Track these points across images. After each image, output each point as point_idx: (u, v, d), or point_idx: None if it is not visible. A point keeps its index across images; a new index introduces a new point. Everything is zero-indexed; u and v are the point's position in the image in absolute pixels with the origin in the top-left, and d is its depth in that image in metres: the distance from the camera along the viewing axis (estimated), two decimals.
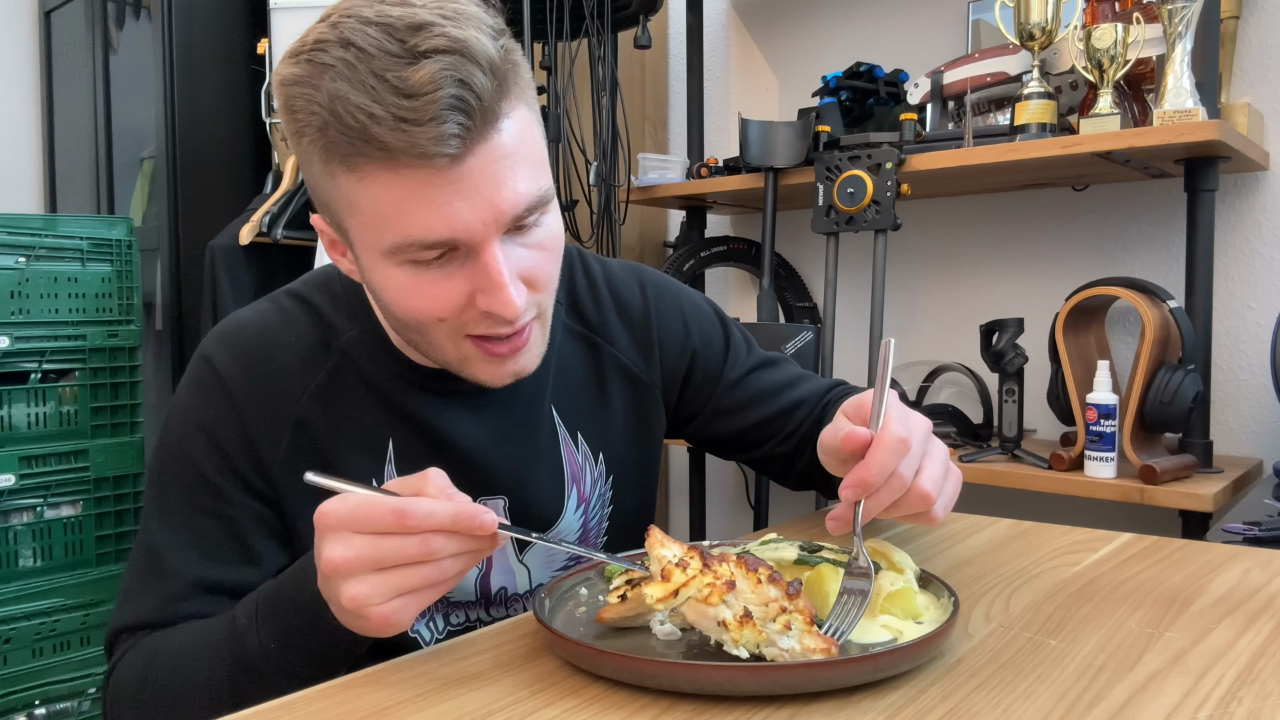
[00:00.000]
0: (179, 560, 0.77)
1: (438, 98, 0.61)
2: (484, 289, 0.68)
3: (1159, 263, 1.77)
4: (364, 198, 0.66)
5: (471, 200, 0.65)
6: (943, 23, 2.01)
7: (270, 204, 2.19)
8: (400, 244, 0.66)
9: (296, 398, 0.80)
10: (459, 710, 0.58)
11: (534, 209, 0.69)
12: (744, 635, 0.59)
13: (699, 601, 0.60)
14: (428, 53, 0.62)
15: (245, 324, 0.83)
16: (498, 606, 0.88)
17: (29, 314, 1.89)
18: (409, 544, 0.60)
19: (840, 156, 1.74)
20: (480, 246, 0.67)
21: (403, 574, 0.61)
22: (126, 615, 0.78)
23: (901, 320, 2.10)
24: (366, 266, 0.71)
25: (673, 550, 0.63)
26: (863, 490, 0.67)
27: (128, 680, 0.74)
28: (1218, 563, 0.85)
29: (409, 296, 0.69)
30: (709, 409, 0.99)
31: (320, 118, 0.64)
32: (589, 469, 0.91)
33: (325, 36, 0.65)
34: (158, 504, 0.80)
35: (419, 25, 0.63)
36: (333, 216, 0.71)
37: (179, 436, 0.80)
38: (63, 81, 3.11)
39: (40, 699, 1.90)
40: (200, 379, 0.81)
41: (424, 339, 0.74)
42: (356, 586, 0.61)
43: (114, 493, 2.00)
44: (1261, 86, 1.66)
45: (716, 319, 1.00)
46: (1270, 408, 1.66)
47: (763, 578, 0.62)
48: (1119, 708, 0.56)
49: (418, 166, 0.63)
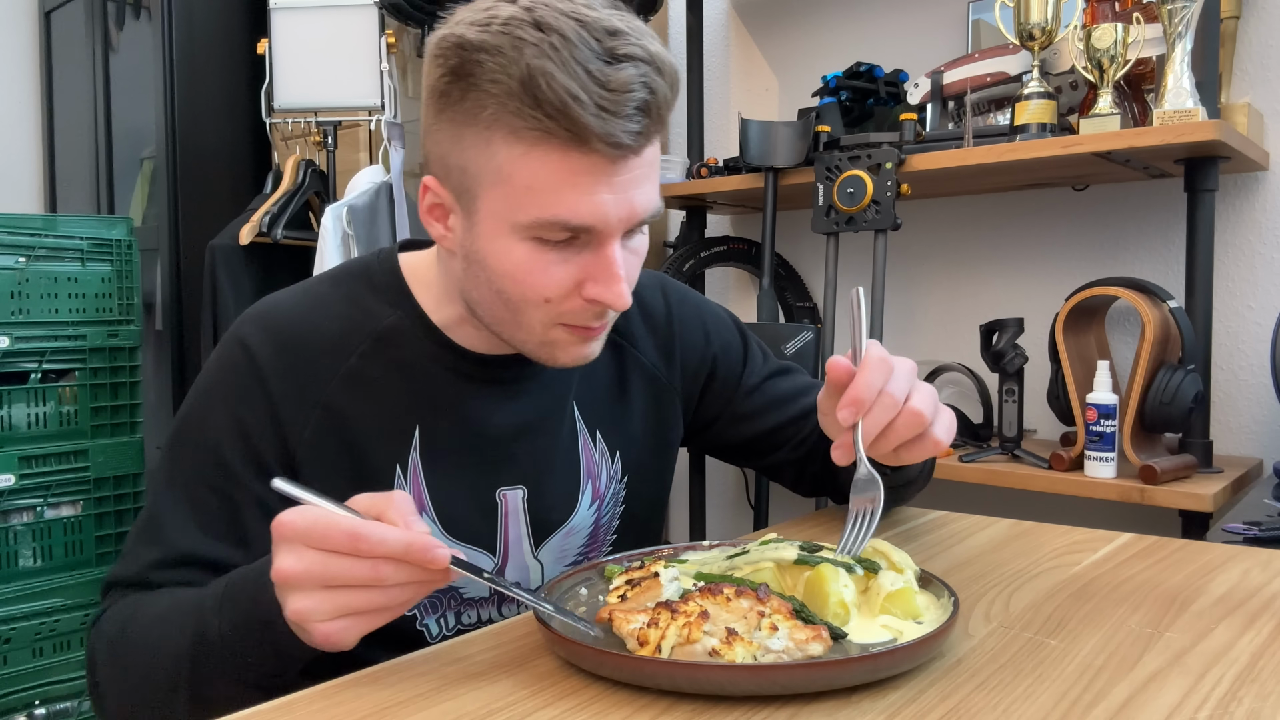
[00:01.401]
0: (175, 530, 0.79)
1: (634, 98, 0.68)
2: (598, 279, 0.73)
3: (1159, 263, 1.77)
4: (522, 170, 0.70)
5: (617, 195, 0.71)
6: (943, 23, 2.01)
7: (270, 204, 2.19)
8: (541, 221, 0.70)
9: (326, 381, 0.82)
10: (459, 710, 0.58)
11: (649, 219, 0.75)
12: (737, 653, 0.59)
13: (683, 644, 0.60)
14: (625, 57, 0.68)
15: (280, 306, 0.85)
16: (510, 604, 0.89)
17: (29, 314, 1.89)
18: (359, 567, 0.60)
19: (840, 156, 1.74)
20: (605, 239, 0.72)
21: (349, 595, 0.61)
22: (119, 570, 0.81)
23: (901, 320, 2.10)
24: (486, 235, 0.73)
25: (637, 620, 0.63)
26: (856, 408, 0.71)
27: (106, 633, 0.77)
28: (1218, 563, 0.85)
29: (525, 272, 0.73)
30: (727, 414, 1.01)
31: (507, 86, 0.67)
32: (605, 466, 0.93)
33: (518, 16, 0.68)
34: (169, 473, 0.81)
35: (614, 30, 0.68)
36: (459, 180, 0.73)
37: (202, 411, 0.82)
38: (63, 81, 3.11)
39: (40, 699, 1.90)
40: (231, 357, 0.82)
41: (514, 316, 0.76)
42: (303, 600, 0.61)
43: (114, 493, 2.00)
44: (1261, 86, 1.66)
45: (735, 328, 1.03)
46: (1270, 408, 1.66)
47: (730, 595, 0.64)
48: (1119, 708, 0.56)
49: (594, 153, 0.68)
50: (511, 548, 0.88)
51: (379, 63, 2.13)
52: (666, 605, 0.64)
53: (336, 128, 2.25)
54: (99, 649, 0.77)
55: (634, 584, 0.70)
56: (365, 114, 2.18)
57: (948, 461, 1.64)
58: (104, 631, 0.78)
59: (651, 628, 0.62)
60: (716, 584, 0.66)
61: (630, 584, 0.71)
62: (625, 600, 0.68)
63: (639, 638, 0.62)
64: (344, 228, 2.00)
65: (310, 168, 2.25)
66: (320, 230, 2.03)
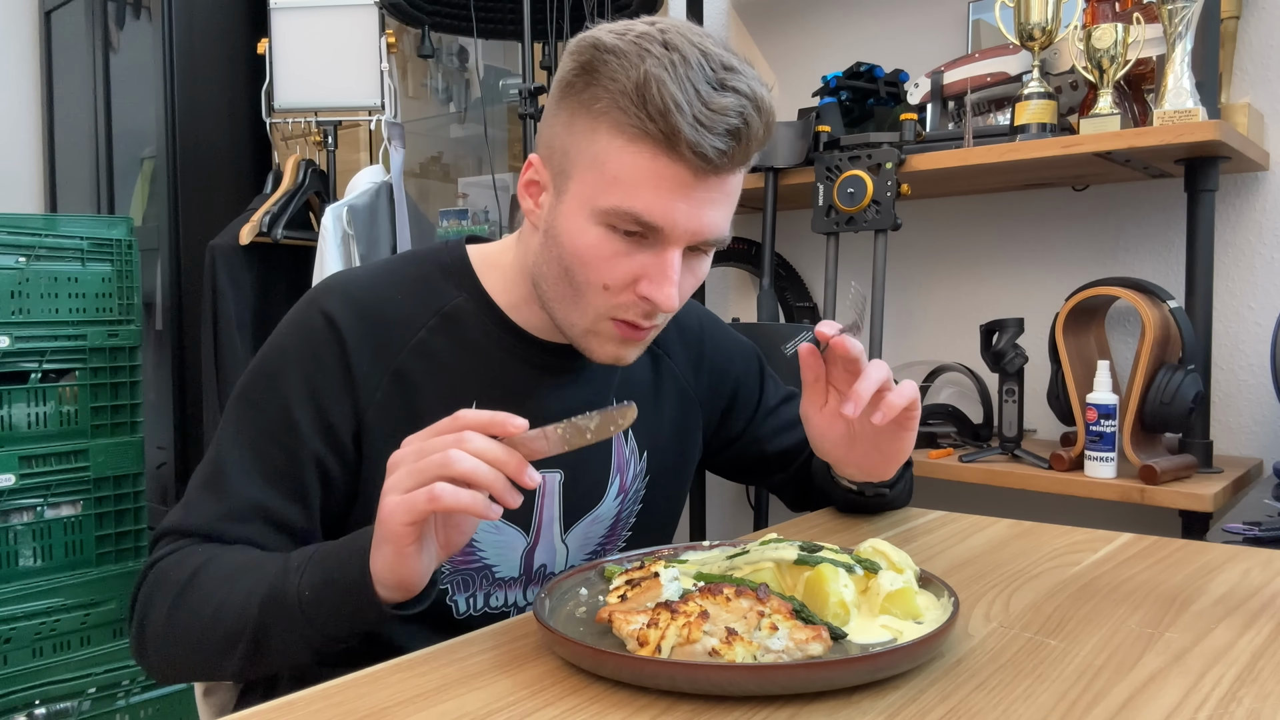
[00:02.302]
0: (242, 482, 0.82)
1: (729, 122, 0.75)
2: (652, 278, 0.79)
3: (1159, 263, 1.77)
4: (615, 160, 0.76)
5: (691, 208, 0.77)
6: (943, 23, 2.01)
7: (270, 204, 2.19)
8: (618, 209, 0.77)
9: (399, 349, 0.87)
10: (459, 710, 0.58)
11: (715, 244, 0.81)
12: (736, 653, 0.59)
13: (683, 645, 0.61)
14: (732, 89, 0.75)
15: (358, 279, 0.90)
16: (534, 585, 0.93)
17: (29, 314, 1.89)
18: (447, 435, 0.67)
19: (840, 156, 1.74)
20: (669, 244, 0.78)
21: (428, 461, 0.67)
22: (180, 519, 0.83)
23: (901, 320, 2.10)
24: (568, 214, 0.80)
25: (637, 620, 0.63)
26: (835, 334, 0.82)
27: (172, 576, 0.79)
28: (1218, 563, 0.85)
29: (593, 255, 0.79)
30: (747, 436, 1.10)
31: (623, 85, 0.75)
32: (633, 463, 0.98)
33: (650, 34, 0.76)
34: (236, 426, 0.85)
35: (729, 66, 0.76)
36: (559, 162, 0.80)
37: (275, 369, 0.85)
38: (63, 81, 3.11)
39: (40, 699, 1.90)
40: (309, 321, 0.86)
41: (574, 295, 0.82)
42: (395, 475, 0.68)
43: (114, 493, 2.00)
44: (1261, 86, 1.66)
45: (755, 357, 1.12)
46: (1270, 408, 1.66)
47: (730, 595, 0.64)
48: (1119, 708, 0.56)
49: (681, 160, 0.75)
50: (544, 529, 0.93)
51: (379, 63, 2.13)
52: (666, 605, 0.64)
53: (336, 128, 2.26)
54: (157, 591, 0.79)
55: (634, 584, 0.70)
56: (365, 114, 2.18)
57: (948, 462, 1.64)
58: (168, 574, 0.79)
59: (651, 628, 0.62)
60: (716, 584, 0.66)
61: (630, 584, 0.71)
62: (625, 600, 0.69)
63: (639, 638, 0.62)
64: (344, 228, 2.00)
65: (310, 168, 2.25)
66: (320, 230, 2.03)
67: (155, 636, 0.79)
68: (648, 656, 0.60)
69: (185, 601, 0.77)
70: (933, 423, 1.82)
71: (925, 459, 1.66)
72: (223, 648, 0.75)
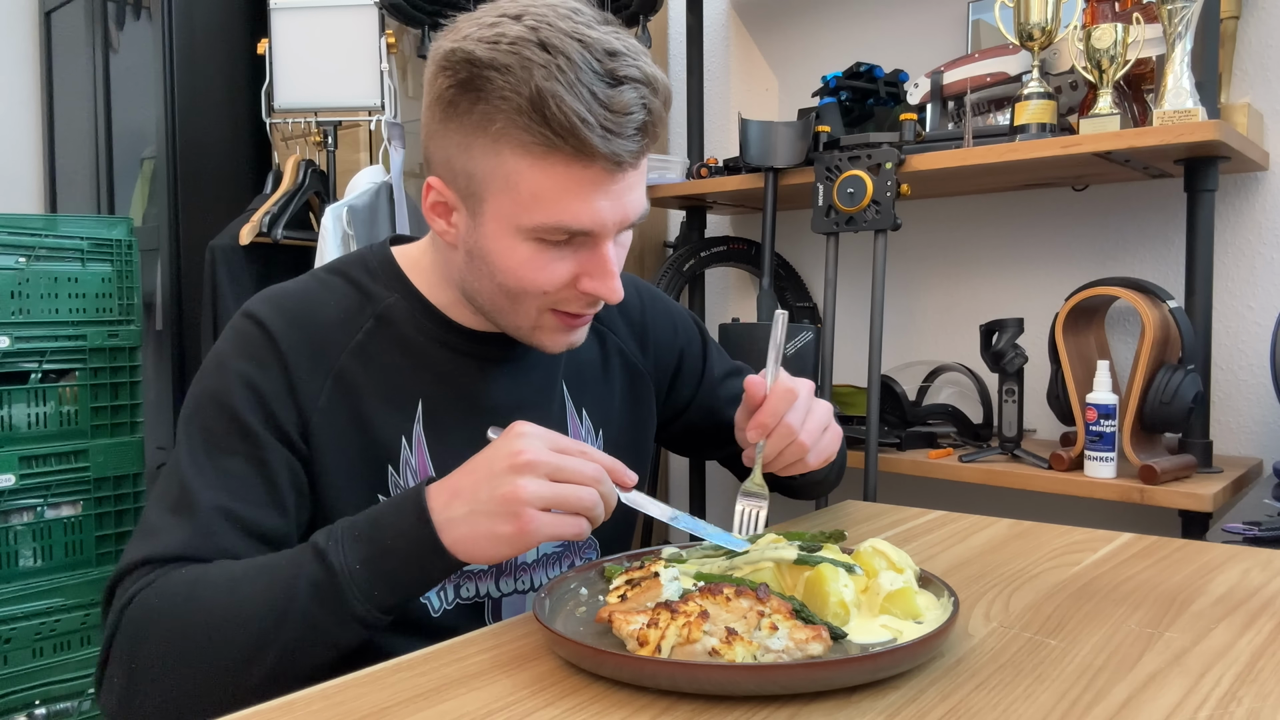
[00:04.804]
0: (208, 497, 0.79)
1: (634, 120, 0.75)
2: (593, 274, 0.81)
3: (1159, 263, 1.77)
4: (528, 179, 0.76)
5: (614, 203, 0.78)
6: (943, 23, 2.01)
7: (270, 204, 2.19)
8: (545, 225, 0.77)
9: (337, 353, 0.86)
10: (459, 710, 0.58)
11: (639, 221, 0.83)
12: (736, 653, 0.59)
13: (683, 644, 0.61)
14: (625, 79, 0.74)
15: (288, 290, 0.90)
16: (507, 578, 0.92)
17: (29, 314, 1.89)
18: (588, 466, 0.73)
19: (840, 156, 1.74)
20: (601, 240, 0.80)
21: (567, 489, 0.72)
22: (149, 550, 0.77)
23: (901, 320, 2.10)
24: (489, 235, 0.80)
25: (637, 620, 0.63)
26: (761, 431, 0.88)
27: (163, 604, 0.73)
28: (1218, 563, 0.85)
29: (527, 269, 0.80)
30: (695, 404, 1.10)
31: (516, 104, 0.73)
32: (589, 441, 0.98)
33: (525, 36, 0.74)
34: (188, 446, 0.81)
35: (613, 52, 0.74)
36: (465, 184, 0.80)
37: (217, 385, 0.83)
38: (63, 81, 3.11)
39: (40, 699, 1.90)
40: (246, 333, 0.85)
41: (512, 305, 0.83)
42: (532, 485, 0.71)
43: (114, 493, 2.00)
44: (1261, 86, 1.66)
45: (695, 326, 1.12)
46: (1270, 408, 1.66)
47: (730, 595, 0.64)
48: (1119, 708, 0.56)
49: (596, 164, 0.75)
50: None
51: (379, 63, 2.13)
52: (666, 605, 0.64)
53: (336, 128, 2.25)
54: (147, 625, 0.73)
55: (634, 584, 0.70)
56: (365, 114, 2.17)
57: (948, 462, 1.64)
58: (153, 605, 0.73)
59: (651, 628, 0.62)
60: (716, 584, 0.66)
61: (630, 584, 0.71)
62: (625, 600, 0.69)
63: (639, 638, 0.62)
64: (344, 228, 2.00)
65: (310, 168, 2.25)
66: (320, 230, 2.03)
67: (152, 675, 0.72)
68: (648, 656, 0.60)
69: (191, 620, 0.72)
70: (933, 423, 1.82)
71: (925, 459, 1.67)
72: (248, 655, 0.70)
